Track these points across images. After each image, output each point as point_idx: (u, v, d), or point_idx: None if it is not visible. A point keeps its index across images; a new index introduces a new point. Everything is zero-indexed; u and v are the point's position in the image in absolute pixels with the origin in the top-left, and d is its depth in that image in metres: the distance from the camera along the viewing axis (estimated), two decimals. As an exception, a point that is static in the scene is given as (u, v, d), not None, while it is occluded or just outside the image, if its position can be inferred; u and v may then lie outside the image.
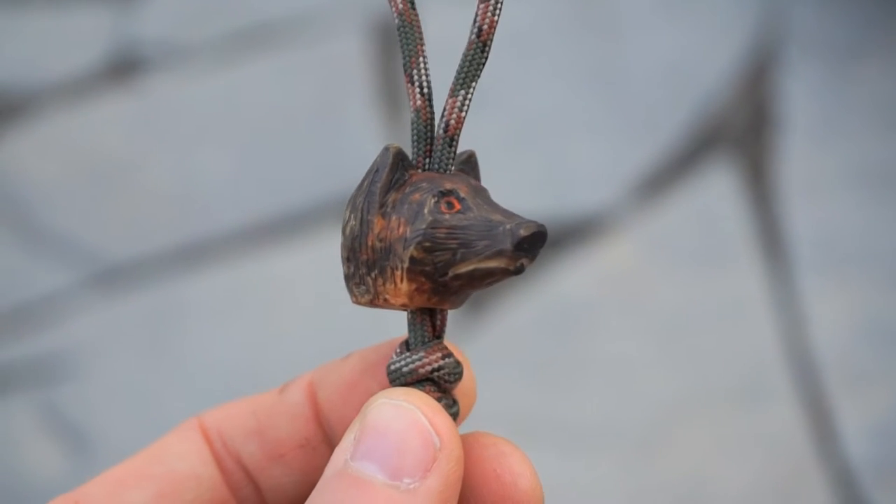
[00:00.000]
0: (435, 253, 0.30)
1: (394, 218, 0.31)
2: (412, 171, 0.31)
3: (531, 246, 0.30)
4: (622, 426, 0.87)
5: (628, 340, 0.91)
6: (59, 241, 1.00)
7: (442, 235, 0.30)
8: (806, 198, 0.96)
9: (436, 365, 0.31)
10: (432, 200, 0.30)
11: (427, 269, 0.30)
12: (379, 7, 1.11)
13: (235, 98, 1.08)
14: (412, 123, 0.32)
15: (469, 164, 0.33)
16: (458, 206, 0.30)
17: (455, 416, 0.31)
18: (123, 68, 1.11)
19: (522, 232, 0.29)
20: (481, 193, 0.31)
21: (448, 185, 0.31)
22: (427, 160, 0.32)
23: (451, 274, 0.30)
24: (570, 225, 0.97)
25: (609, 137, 1.01)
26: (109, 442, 0.89)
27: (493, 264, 0.30)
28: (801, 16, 1.05)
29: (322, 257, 0.97)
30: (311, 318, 0.94)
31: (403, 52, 0.32)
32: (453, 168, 0.32)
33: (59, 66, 1.12)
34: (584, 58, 1.06)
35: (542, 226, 0.30)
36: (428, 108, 0.32)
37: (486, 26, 0.32)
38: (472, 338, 0.91)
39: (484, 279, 0.30)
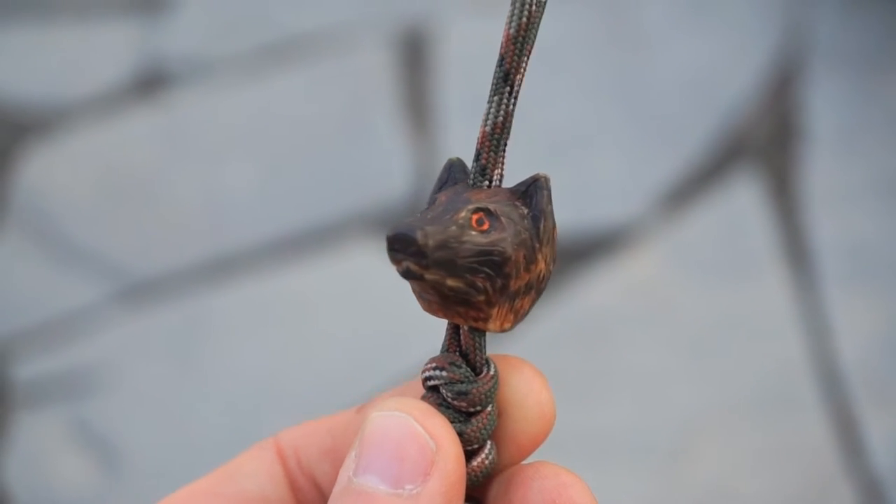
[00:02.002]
0: None
1: None
2: (460, 183, 0.32)
3: (402, 248, 0.29)
4: (648, 437, 0.87)
5: (654, 352, 0.91)
6: (87, 255, 1.00)
7: None
8: (830, 208, 0.96)
9: (428, 373, 0.31)
10: (426, 207, 0.31)
11: None
12: (404, 21, 1.11)
13: (262, 112, 1.08)
14: None
15: (532, 188, 0.32)
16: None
17: (461, 433, 0.31)
18: (151, 83, 1.12)
19: (388, 232, 0.29)
20: (457, 203, 0.30)
21: (441, 194, 0.31)
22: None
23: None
24: (596, 237, 0.97)
25: (634, 149, 1.02)
26: (138, 455, 0.90)
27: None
28: (825, 28, 1.05)
29: (348, 270, 0.97)
30: (337, 331, 0.95)
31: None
32: (487, 184, 0.32)
33: (88, 81, 1.13)
34: (609, 70, 1.06)
35: (402, 226, 0.29)
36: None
37: (503, 39, 0.32)
38: (498, 349, 0.91)
39: (418, 286, 0.30)
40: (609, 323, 0.93)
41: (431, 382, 0.31)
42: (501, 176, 0.32)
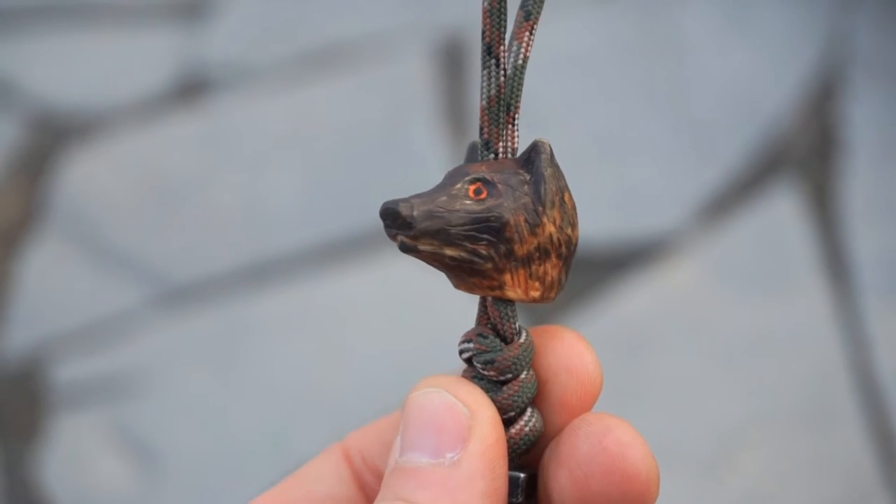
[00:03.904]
0: None
1: None
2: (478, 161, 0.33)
3: (389, 223, 0.31)
4: (686, 448, 0.87)
5: (692, 362, 0.91)
6: (128, 259, 1.01)
7: None
8: (870, 221, 0.96)
9: (460, 347, 0.32)
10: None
11: None
12: (444, 28, 1.11)
13: (302, 119, 1.08)
14: None
15: (532, 154, 0.32)
16: None
17: (499, 402, 0.31)
18: (192, 89, 1.12)
19: (380, 209, 0.31)
20: (456, 176, 0.32)
21: (449, 171, 0.32)
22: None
23: None
24: (634, 247, 0.97)
25: (673, 159, 1.02)
26: (177, 459, 0.90)
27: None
28: (866, 39, 1.05)
29: (387, 277, 0.97)
30: (377, 336, 0.95)
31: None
32: (492, 156, 0.33)
33: (130, 87, 1.13)
34: (647, 80, 1.06)
35: (389, 202, 0.31)
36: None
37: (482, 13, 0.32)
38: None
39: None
40: (647, 332, 0.93)
41: (465, 355, 0.32)
42: (514, 150, 0.33)
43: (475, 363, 0.32)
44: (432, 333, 0.93)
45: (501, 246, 0.31)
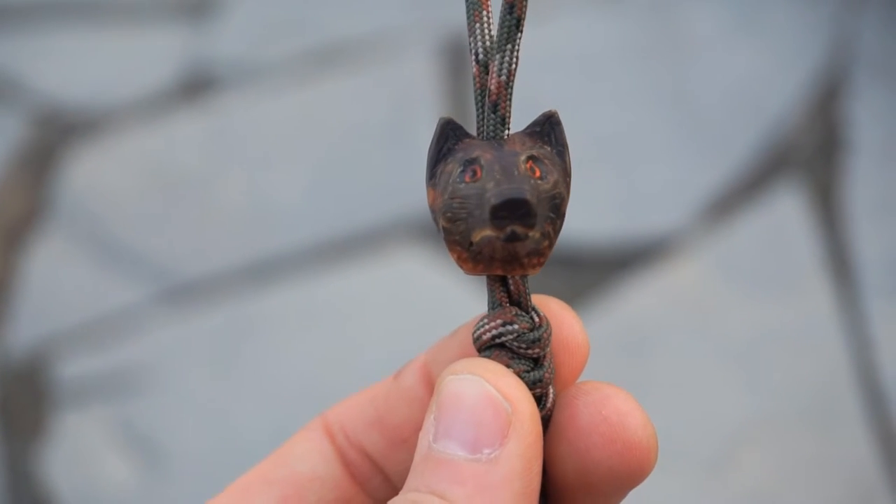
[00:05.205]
0: (456, 223, 0.30)
1: (437, 189, 0.31)
2: (466, 140, 0.31)
3: (510, 213, 0.29)
4: (690, 447, 0.87)
5: (696, 361, 0.91)
6: (133, 256, 1.01)
7: (456, 206, 0.30)
8: (875, 220, 0.96)
9: (495, 332, 0.31)
10: (458, 170, 0.30)
11: (456, 238, 0.30)
12: (449, 28, 1.11)
13: (307, 117, 1.09)
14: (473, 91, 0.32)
15: (547, 126, 0.32)
16: (479, 175, 0.30)
17: (538, 380, 0.31)
18: (197, 87, 1.13)
19: (492, 201, 0.29)
20: (508, 157, 0.30)
21: (475, 153, 0.30)
22: (481, 128, 0.32)
23: (471, 242, 0.30)
24: (639, 245, 0.97)
25: (678, 159, 1.02)
26: (182, 455, 0.90)
27: (486, 233, 0.30)
28: (871, 40, 1.05)
29: (392, 275, 0.97)
30: (380, 335, 0.95)
31: (468, 18, 0.32)
32: (507, 133, 0.31)
33: (135, 84, 1.14)
34: (654, 80, 1.07)
35: (512, 192, 0.29)
36: (481, 76, 0.32)
37: None
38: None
39: (494, 247, 0.30)
40: (651, 331, 0.93)
41: (501, 339, 0.31)
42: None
43: (513, 344, 0.31)
44: (437, 330, 0.93)
45: (558, 221, 0.30)
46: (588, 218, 0.97)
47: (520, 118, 0.33)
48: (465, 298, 0.91)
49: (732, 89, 1.05)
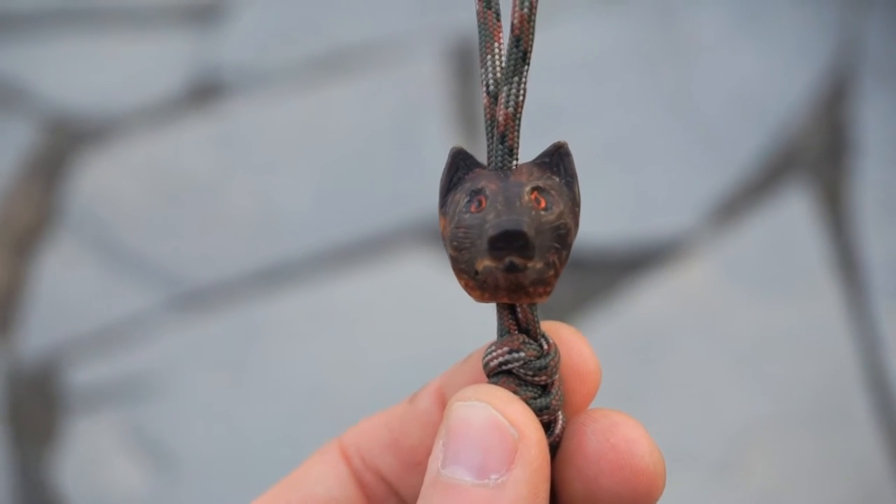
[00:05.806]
0: (461, 251, 0.31)
1: (447, 217, 0.31)
2: (477, 170, 0.32)
3: (507, 244, 0.30)
4: (699, 449, 0.87)
5: (704, 363, 0.91)
6: (142, 262, 1.01)
7: (461, 235, 0.31)
8: (881, 223, 0.96)
9: (502, 359, 0.31)
10: (465, 200, 0.31)
11: (462, 266, 0.31)
12: (456, 32, 1.12)
13: (314, 122, 1.09)
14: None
15: (556, 157, 0.32)
16: (484, 205, 0.30)
17: (545, 407, 0.31)
18: (205, 93, 1.13)
19: (490, 232, 0.29)
20: (513, 188, 0.31)
21: (481, 184, 0.31)
22: (490, 158, 0.32)
23: (476, 271, 0.31)
24: (647, 248, 0.97)
25: (685, 161, 1.02)
26: (192, 460, 0.91)
27: (486, 263, 0.30)
28: (877, 42, 1.05)
29: (400, 279, 0.98)
30: (389, 340, 0.95)
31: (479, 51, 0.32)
32: (515, 164, 0.32)
33: (143, 91, 1.14)
34: (660, 82, 1.07)
35: (508, 223, 0.29)
36: (491, 106, 0.32)
37: (516, 21, 0.31)
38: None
39: (496, 276, 0.30)
40: (659, 334, 0.93)
41: (508, 366, 0.31)
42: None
43: (520, 371, 0.31)
44: (445, 336, 0.94)
45: (564, 252, 0.31)
46: (596, 221, 0.97)
47: (526, 122, 0.33)
48: (472, 303, 0.91)
49: (738, 92, 1.05)
